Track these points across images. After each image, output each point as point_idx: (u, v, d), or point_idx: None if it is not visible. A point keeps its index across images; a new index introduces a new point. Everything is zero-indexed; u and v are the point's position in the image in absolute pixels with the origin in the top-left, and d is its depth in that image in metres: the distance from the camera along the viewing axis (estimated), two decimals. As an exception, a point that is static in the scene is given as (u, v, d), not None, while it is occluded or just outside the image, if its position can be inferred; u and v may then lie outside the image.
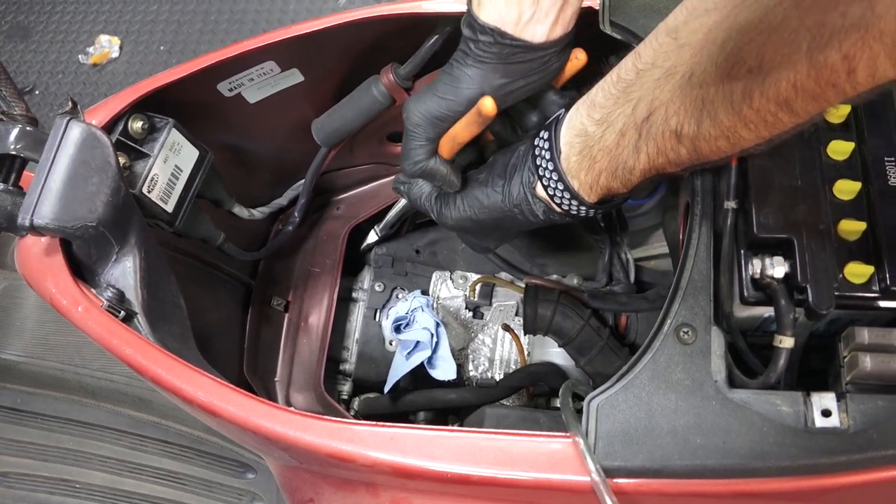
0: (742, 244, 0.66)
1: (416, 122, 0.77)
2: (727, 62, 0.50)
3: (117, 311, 0.81)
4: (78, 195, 0.79)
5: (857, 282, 0.62)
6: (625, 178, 0.64)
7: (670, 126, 0.56)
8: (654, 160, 0.60)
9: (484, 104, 0.71)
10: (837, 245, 0.64)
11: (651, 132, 0.59)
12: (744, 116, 0.51)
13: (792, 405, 0.61)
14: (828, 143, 0.67)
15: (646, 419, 0.64)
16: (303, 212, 1.14)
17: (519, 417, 1.00)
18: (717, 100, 0.52)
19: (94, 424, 1.46)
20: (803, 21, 0.44)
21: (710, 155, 0.56)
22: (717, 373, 0.64)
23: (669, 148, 0.58)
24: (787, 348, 0.62)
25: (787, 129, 0.51)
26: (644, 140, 0.60)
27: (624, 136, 0.62)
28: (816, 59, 0.44)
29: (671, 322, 0.66)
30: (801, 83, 0.45)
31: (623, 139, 0.62)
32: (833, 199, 0.65)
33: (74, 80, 2.59)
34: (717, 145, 0.55)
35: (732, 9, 0.51)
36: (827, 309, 0.61)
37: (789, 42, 0.45)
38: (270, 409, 0.72)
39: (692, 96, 0.54)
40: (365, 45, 1.00)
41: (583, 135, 0.66)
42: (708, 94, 0.52)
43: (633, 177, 0.64)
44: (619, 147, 0.63)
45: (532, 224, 0.78)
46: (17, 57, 2.69)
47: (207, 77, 0.95)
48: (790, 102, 0.47)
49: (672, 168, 0.60)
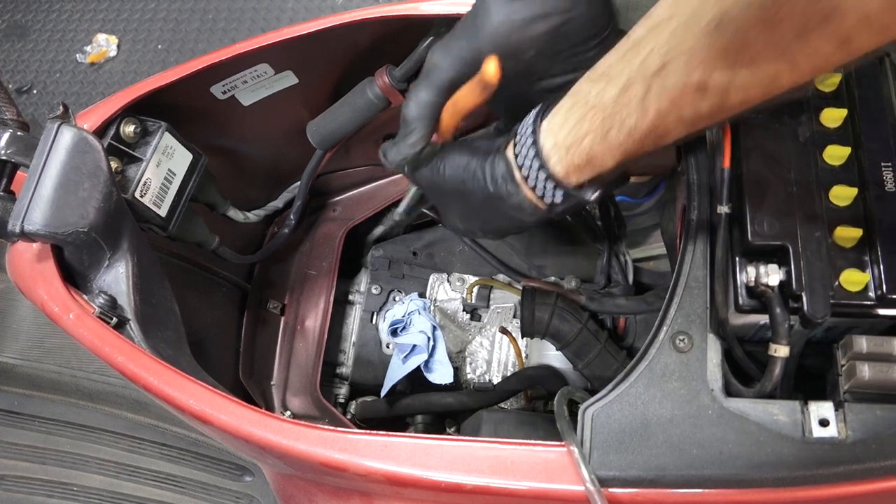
0: (736, 251, 0.65)
1: (435, 62, 0.67)
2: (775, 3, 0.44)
3: (109, 318, 0.80)
4: (69, 201, 0.79)
5: (854, 290, 0.61)
6: (615, 144, 0.56)
7: (692, 78, 0.50)
8: (665, 118, 0.53)
9: (486, 67, 0.61)
10: (833, 252, 0.62)
11: (666, 85, 0.51)
12: (792, 59, 0.46)
13: (789, 414, 0.60)
14: (824, 148, 0.66)
15: (641, 428, 0.63)
16: (299, 214, 1.13)
17: (516, 422, 1.00)
18: (758, 44, 0.46)
19: (92, 427, 1.46)
20: None
21: (738, 107, 0.50)
22: (713, 381, 0.63)
23: (688, 103, 0.51)
24: (782, 357, 0.61)
25: (833, 69, 0.47)
26: (655, 95, 0.52)
27: (627, 92, 0.53)
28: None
29: (667, 330, 0.65)
30: (874, 15, 0.41)
31: (625, 95, 0.54)
32: (829, 205, 0.64)
33: (72, 80, 2.58)
34: (749, 94, 0.49)
35: None
36: (822, 317, 0.60)
37: None
38: (262, 417, 0.72)
39: (723, 43, 0.47)
40: (360, 46, 1.00)
41: (574, 94, 0.58)
42: (747, 39, 0.46)
43: (628, 141, 0.55)
44: (618, 104, 0.54)
45: (498, 202, 0.66)
46: (15, 56, 2.69)
47: (200, 80, 0.94)
48: (852, 39, 0.43)
49: (679, 128, 0.54)
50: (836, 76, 0.69)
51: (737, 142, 0.67)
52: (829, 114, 0.67)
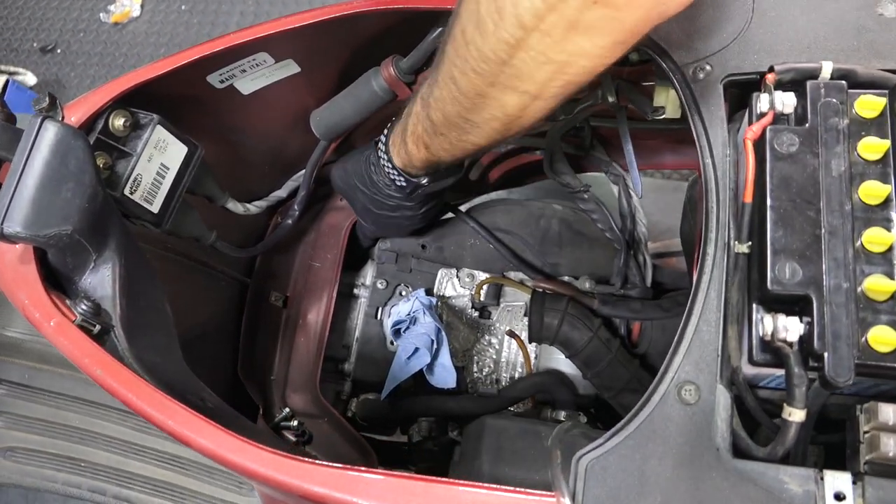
0: (753, 295, 0.59)
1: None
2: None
3: (92, 326, 0.77)
4: (52, 201, 0.75)
5: (883, 350, 0.54)
6: (414, 153, 0.85)
7: (418, 129, 0.82)
8: (418, 141, 0.83)
9: None
10: (863, 305, 0.56)
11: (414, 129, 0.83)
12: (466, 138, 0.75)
13: (802, 484, 0.55)
14: (860, 184, 0.59)
15: (638, 486, 0.58)
16: (303, 205, 1.09)
17: (520, 431, 0.96)
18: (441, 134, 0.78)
19: (101, 404, 1.45)
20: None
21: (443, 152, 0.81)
22: (720, 439, 0.58)
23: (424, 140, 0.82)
24: (797, 422, 0.55)
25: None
26: (410, 133, 0.84)
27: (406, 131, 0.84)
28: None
29: (672, 377, 0.60)
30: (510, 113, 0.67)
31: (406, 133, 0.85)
32: (862, 251, 0.57)
33: (95, 40, 2.55)
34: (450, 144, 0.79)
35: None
36: (845, 381, 0.54)
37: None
38: (241, 444, 0.68)
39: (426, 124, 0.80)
40: (365, 36, 0.94)
41: (395, 128, 0.89)
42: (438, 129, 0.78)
43: (418, 151, 0.84)
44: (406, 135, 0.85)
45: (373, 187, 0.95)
46: (40, 14, 2.66)
47: (195, 69, 0.89)
48: (511, 122, 0.70)
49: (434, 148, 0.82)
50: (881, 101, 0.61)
51: (761, 173, 0.61)
52: (868, 144, 0.59)
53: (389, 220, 1.02)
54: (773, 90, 0.66)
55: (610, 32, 0.54)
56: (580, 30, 0.53)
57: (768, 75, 0.67)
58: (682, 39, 0.73)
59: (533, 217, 1.18)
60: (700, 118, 0.68)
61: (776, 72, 0.67)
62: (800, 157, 0.60)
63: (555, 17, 0.53)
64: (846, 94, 0.63)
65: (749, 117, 0.67)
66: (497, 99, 0.65)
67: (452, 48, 0.64)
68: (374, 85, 0.94)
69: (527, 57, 0.57)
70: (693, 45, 0.73)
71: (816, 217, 0.58)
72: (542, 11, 0.53)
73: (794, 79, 0.67)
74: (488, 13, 0.56)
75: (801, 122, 0.64)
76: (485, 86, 0.63)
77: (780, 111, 0.65)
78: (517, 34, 0.56)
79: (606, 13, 0.52)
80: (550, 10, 0.52)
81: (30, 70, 2.48)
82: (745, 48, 0.71)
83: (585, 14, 0.52)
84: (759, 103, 0.66)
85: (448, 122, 0.74)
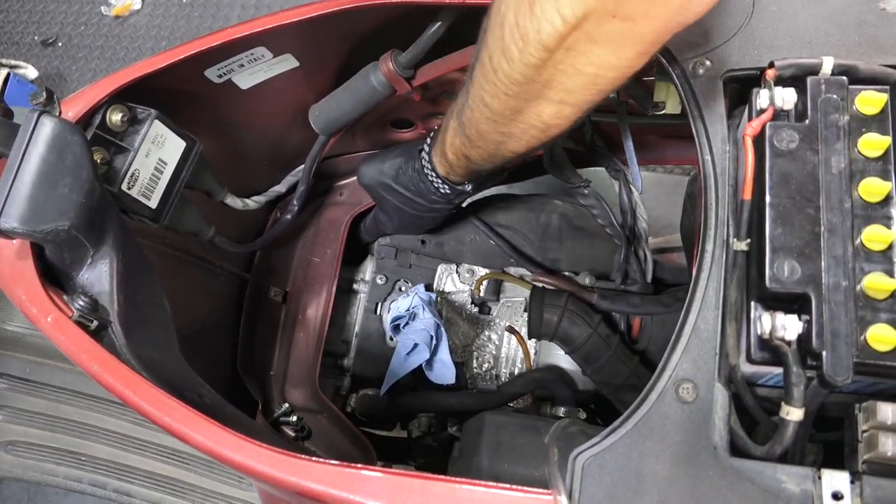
0: (752, 293, 0.59)
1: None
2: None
3: (89, 322, 0.77)
4: (49, 197, 0.74)
5: (882, 349, 0.54)
6: (456, 161, 0.88)
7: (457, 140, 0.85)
8: (459, 152, 0.86)
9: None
10: (862, 304, 0.55)
11: (453, 142, 0.86)
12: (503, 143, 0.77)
13: (799, 483, 0.54)
14: (860, 181, 0.58)
15: (635, 483, 0.58)
16: (302, 200, 1.08)
17: (519, 426, 0.95)
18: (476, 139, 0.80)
19: (101, 398, 1.46)
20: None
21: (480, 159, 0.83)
22: (717, 438, 0.57)
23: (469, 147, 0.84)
24: (794, 421, 0.55)
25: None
26: (449, 144, 0.86)
27: (447, 141, 0.87)
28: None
29: (670, 375, 0.60)
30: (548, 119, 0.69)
31: (447, 143, 0.87)
32: (861, 249, 0.57)
33: (96, 33, 2.54)
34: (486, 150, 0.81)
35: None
36: (843, 380, 0.53)
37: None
38: (238, 440, 0.68)
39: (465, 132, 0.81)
40: (363, 31, 0.93)
41: (436, 137, 0.92)
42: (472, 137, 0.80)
43: (459, 161, 0.87)
44: (445, 146, 0.88)
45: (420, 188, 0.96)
46: (41, 7, 2.65)
47: (193, 64, 0.88)
48: (548, 126, 0.71)
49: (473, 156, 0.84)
50: (882, 97, 0.60)
51: (761, 170, 0.60)
52: (869, 141, 0.59)
53: (419, 220, 1.03)
54: (773, 86, 0.65)
55: (632, 44, 0.56)
56: (601, 43, 0.55)
57: (768, 71, 0.67)
58: (681, 34, 0.72)
59: (533, 212, 1.18)
60: (699, 114, 0.68)
61: (776, 67, 0.66)
62: (799, 153, 0.60)
63: (576, 36, 0.55)
64: (847, 90, 0.62)
65: (749, 113, 0.66)
66: (533, 111, 0.67)
67: (481, 73, 0.67)
68: (373, 80, 0.94)
69: (556, 71, 0.60)
70: (693, 40, 0.72)
71: (816, 214, 0.58)
72: (564, 32, 0.55)
73: (795, 74, 0.66)
74: (512, 40, 0.59)
75: (802, 118, 0.63)
76: (519, 103, 0.67)
77: (780, 107, 0.64)
78: (542, 56, 0.58)
79: (625, 27, 0.53)
80: (572, 29, 0.54)
81: (31, 64, 2.47)
82: (746, 43, 0.71)
83: (605, 28, 0.53)
84: (758, 99, 0.65)
85: (483, 137, 0.77)
